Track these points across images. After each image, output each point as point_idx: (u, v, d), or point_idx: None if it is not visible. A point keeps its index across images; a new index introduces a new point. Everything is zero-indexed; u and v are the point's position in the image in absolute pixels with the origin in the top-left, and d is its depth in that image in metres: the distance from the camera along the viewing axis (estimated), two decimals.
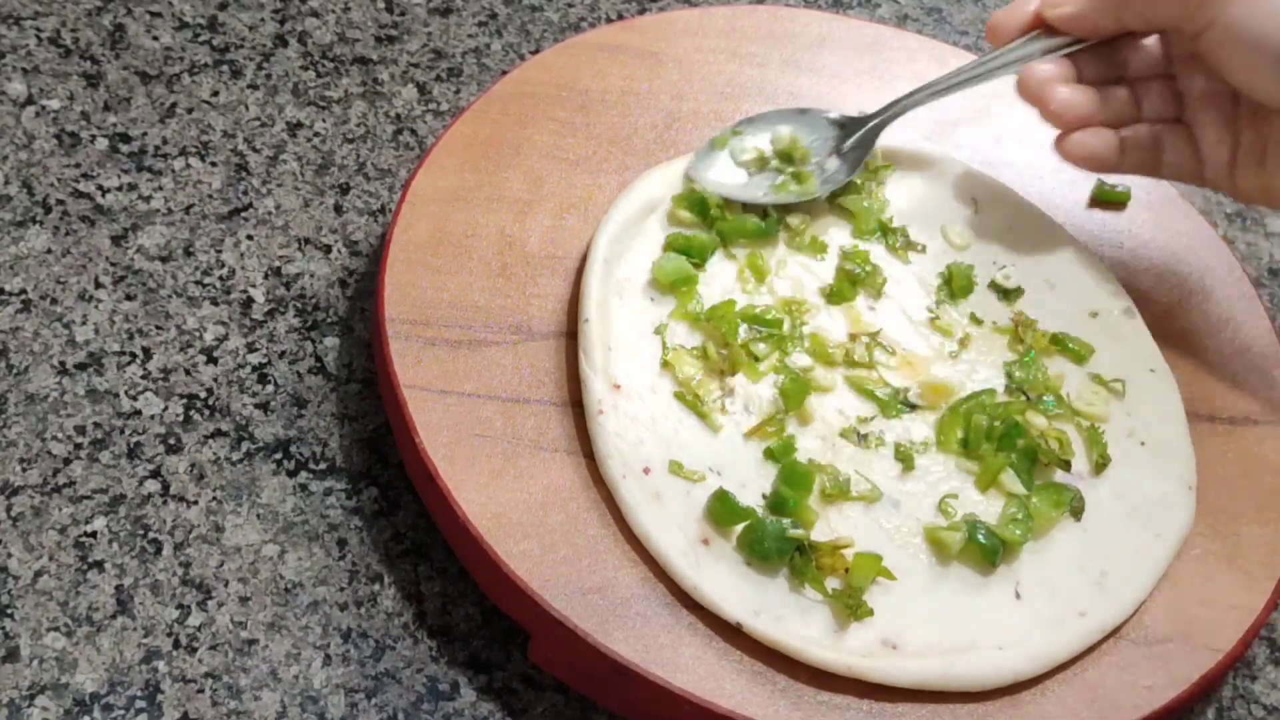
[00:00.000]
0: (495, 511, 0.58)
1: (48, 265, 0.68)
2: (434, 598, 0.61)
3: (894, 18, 0.89)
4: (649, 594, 0.58)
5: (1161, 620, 0.62)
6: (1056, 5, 0.66)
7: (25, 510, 0.60)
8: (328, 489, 0.63)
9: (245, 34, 0.79)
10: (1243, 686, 0.64)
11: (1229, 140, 0.65)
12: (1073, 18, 0.66)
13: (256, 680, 0.58)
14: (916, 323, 0.69)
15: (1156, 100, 0.67)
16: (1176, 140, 0.67)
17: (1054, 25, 0.66)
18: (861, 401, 0.66)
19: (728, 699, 0.56)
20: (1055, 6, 0.66)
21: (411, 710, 0.58)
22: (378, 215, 0.73)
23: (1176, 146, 0.66)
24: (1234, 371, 0.71)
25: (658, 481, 0.61)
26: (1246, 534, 0.65)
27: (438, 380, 0.62)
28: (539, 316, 0.66)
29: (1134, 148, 0.67)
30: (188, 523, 0.61)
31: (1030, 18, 0.67)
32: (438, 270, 0.65)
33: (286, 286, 0.69)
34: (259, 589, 0.60)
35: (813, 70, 0.78)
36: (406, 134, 0.76)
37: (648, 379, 0.64)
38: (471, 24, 0.82)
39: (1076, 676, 0.60)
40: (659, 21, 0.78)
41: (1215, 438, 0.68)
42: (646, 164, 0.72)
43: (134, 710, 0.56)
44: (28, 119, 0.73)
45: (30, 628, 0.57)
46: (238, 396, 0.65)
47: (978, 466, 0.65)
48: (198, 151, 0.73)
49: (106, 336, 0.66)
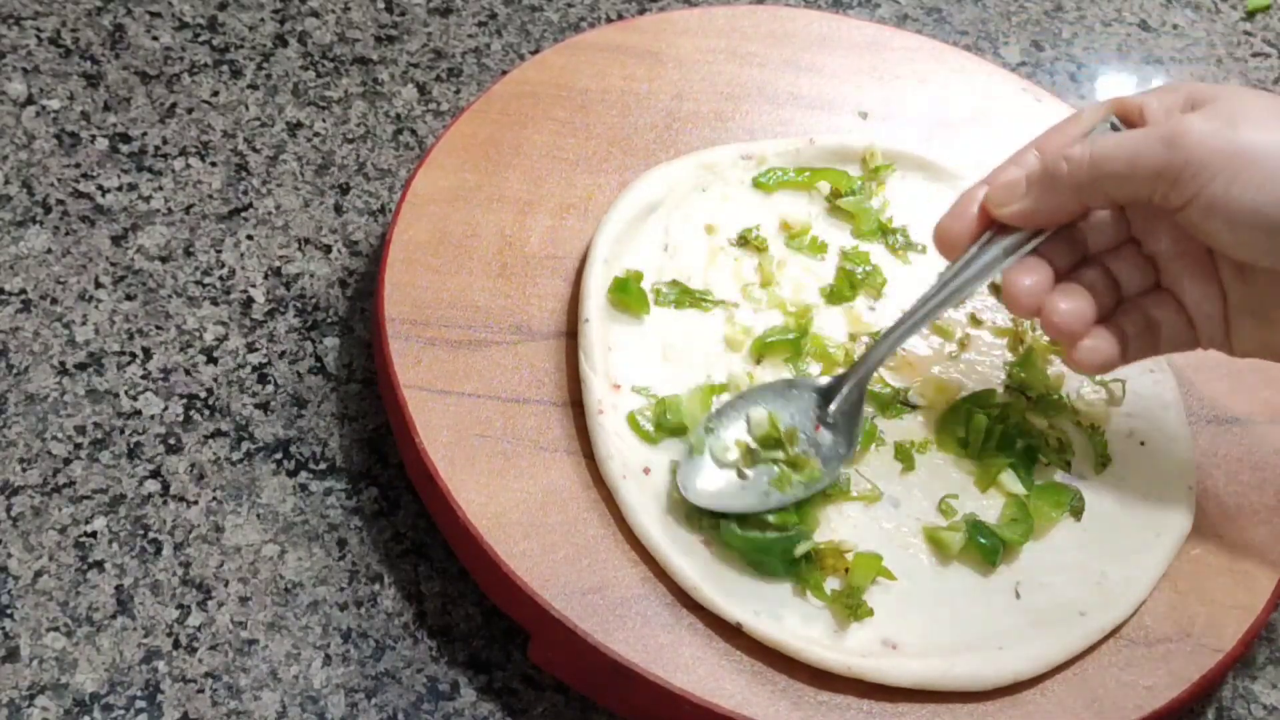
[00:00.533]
0: (495, 511, 0.58)
1: (48, 265, 0.68)
2: (434, 598, 0.61)
3: (894, 18, 0.89)
4: (649, 594, 0.58)
5: (1161, 620, 0.62)
6: (1004, 203, 0.59)
7: (25, 510, 0.60)
8: (328, 489, 0.63)
9: (245, 34, 0.79)
10: (1243, 686, 0.64)
11: (1216, 296, 0.59)
12: (1027, 214, 0.59)
13: (256, 680, 0.58)
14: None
15: (1131, 271, 0.61)
16: (1165, 311, 0.61)
17: (1006, 223, 0.60)
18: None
19: (728, 699, 0.56)
20: (1003, 205, 0.59)
21: (411, 710, 0.58)
22: (378, 215, 0.73)
23: (1168, 318, 0.61)
24: (1234, 371, 0.70)
25: (658, 481, 0.61)
26: (1246, 534, 0.65)
27: (438, 380, 0.62)
28: (539, 316, 0.66)
29: (1134, 337, 0.61)
30: (188, 523, 0.61)
31: (977, 220, 0.60)
32: (438, 270, 0.65)
33: (286, 286, 0.69)
34: (259, 589, 0.60)
35: (813, 70, 0.78)
36: (406, 134, 0.76)
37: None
38: (471, 24, 0.82)
39: (1076, 676, 0.60)
40: (659, 21, 0.78)
41: (1215, 438, 0.68)
42: (646, 164, 0.72)
43: (134, 710, 0.56)
44: (28, 119, 0.73)
45: (30, 628, 0.57)
46: (238, 396, 0.65)
47: (977, 466, 0.65)
48: (198, 151, 0.73)
49: (106, 336, 0.66)
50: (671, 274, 0.68)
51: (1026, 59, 0.89)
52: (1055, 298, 0.59)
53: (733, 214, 0.71)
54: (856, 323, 0.69)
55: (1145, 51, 0.91)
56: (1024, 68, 0.88)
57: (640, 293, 0.65)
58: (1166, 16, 0.94)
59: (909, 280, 0.71)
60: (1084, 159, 0.57)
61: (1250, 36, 0.94)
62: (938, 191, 0.74)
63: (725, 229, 0.70)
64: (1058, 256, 0.60)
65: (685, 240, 0.69)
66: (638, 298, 0.65)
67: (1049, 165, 0.58)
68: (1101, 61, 0.90)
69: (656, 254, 0.68)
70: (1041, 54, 0.89)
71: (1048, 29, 0.91)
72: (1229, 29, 0.94)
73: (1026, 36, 0.90)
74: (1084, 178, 0.57)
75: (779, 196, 0.72)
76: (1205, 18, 0.94)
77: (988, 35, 0.90)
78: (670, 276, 0.68)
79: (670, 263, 0.68)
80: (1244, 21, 0.95)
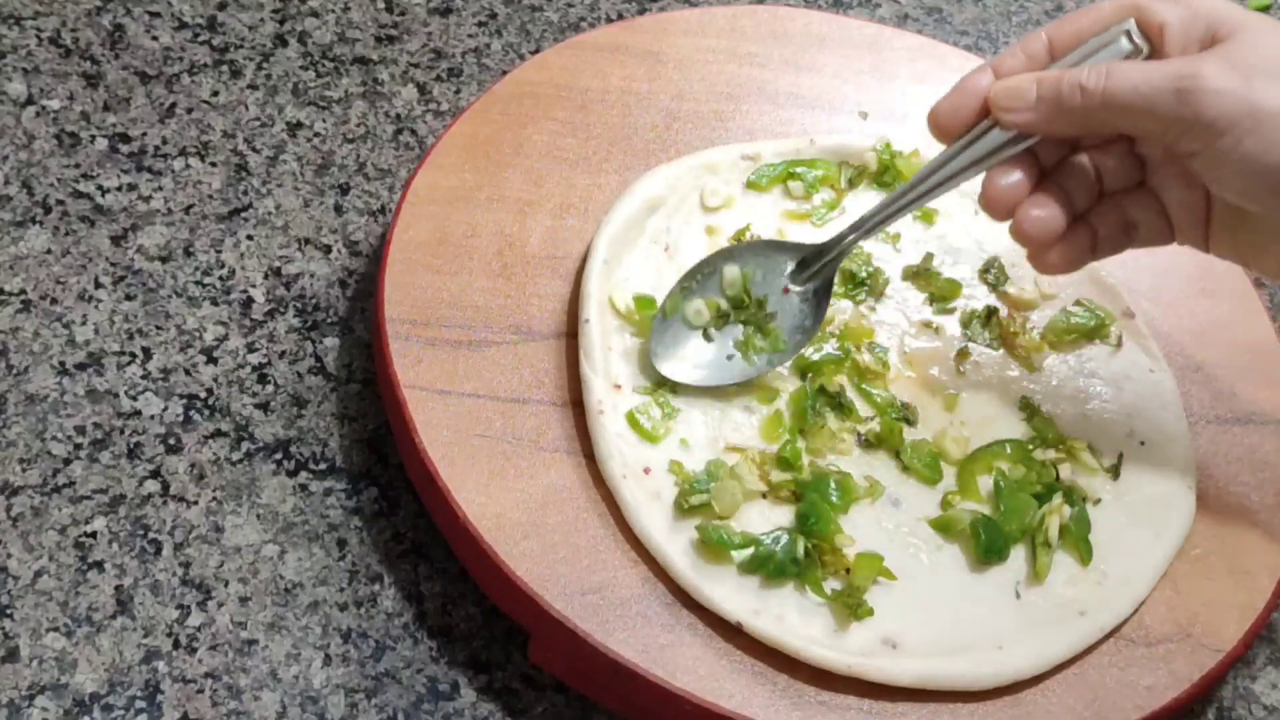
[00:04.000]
0: (495, 511, 0.58)
1: (48, 265, 0.68)
2: (434, 598, 0.61)
3: (894, 18, 0.89)
4: (649, 594, 0.58)
5: (1161, 620, 0.62)
6: (1009, 109, 0.58)
7: (25, 510, 0.60)
8: (328, 489, 0.63)
9: (245, 34, 0.79)
10: (1243, 686, 0.64)
11: (1201, 202, 0.60)
12: (1031, 125, 0.58)
13: (256, 680, 0.58)
14: (915, 322, 0.69)
15: (1117, 168, 0.61)
16: (1145, 211, 0.61)
17: (1008, 128, 0.59)
18: (862, 403, 0.66)
19: (728, 699, 0.56)
20: (1008, 110, 0.59)
21: (411, 710, 0.58)
22: (378, 215, 0.73)
23: (1146, 219, 0.61)
24: (1234, 371, 0.71)
25: (658, 481, 0.61)
26: (1246, 534, 0.65)
27: (438, 380, 0.62)
28: (539, 316, 0.66)
29: (1106, 238, 0.61)
30: (188, 523, 0.61)
31: (976, 110, 0.60)
32: (438, 270, 0.65)
33: (286, 286, 0.69)
34: (259, 589, 0.60)
35: (813, 70, 0.78)
36: (406, 134, 0.76)
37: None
38: (471, 24, 0.82)
39: (1076, 676, 0.60)
40: (659, 21, 0.78)
41: (1215, 438, 0.68)
42: (646, 164, 0.72)
43: (134, 710, 0.56)
44: (28, 119, 0.73)
45: (30, 628, 0.57)
46: (238, 396, 0.65)
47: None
48: (198, 151, 0.73)
49: (106, 336, 0.66)
50: (672, 274, 0.68)
51: None
52: (1028, 205, 0.59)
53: (733, 214, 0.71)
54: (857, 322, 0.68)
55: None
56: None
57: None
58: None
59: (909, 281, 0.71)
60: (1096, 91, 0.56)
61: None
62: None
63: (725, 229, 0.70)
64: (1046, 152, 0.60)
65: (685, 240, 0.69)
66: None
67: (1063, 88, 0.57)
68: None
69: (657, 254, 0.68)
70: None
71: None
72: None
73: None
74: (1095, 108, 0.57)
75: (779, 196, 0.72)
76: None
77: (988, 35, 0.90)
78: (671, 277, 0.68)
79: (670, 263, 0.68)
80: None
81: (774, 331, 0.64)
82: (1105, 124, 0.58)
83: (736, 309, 0.65)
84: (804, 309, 0.64)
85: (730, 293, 0.65)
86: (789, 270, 0.65)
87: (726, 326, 0.64)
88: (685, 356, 0.64)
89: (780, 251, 0.66)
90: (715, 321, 0.64)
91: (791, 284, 0.65)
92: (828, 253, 0.64)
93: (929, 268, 0.71)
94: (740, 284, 0.65)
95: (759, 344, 0.63)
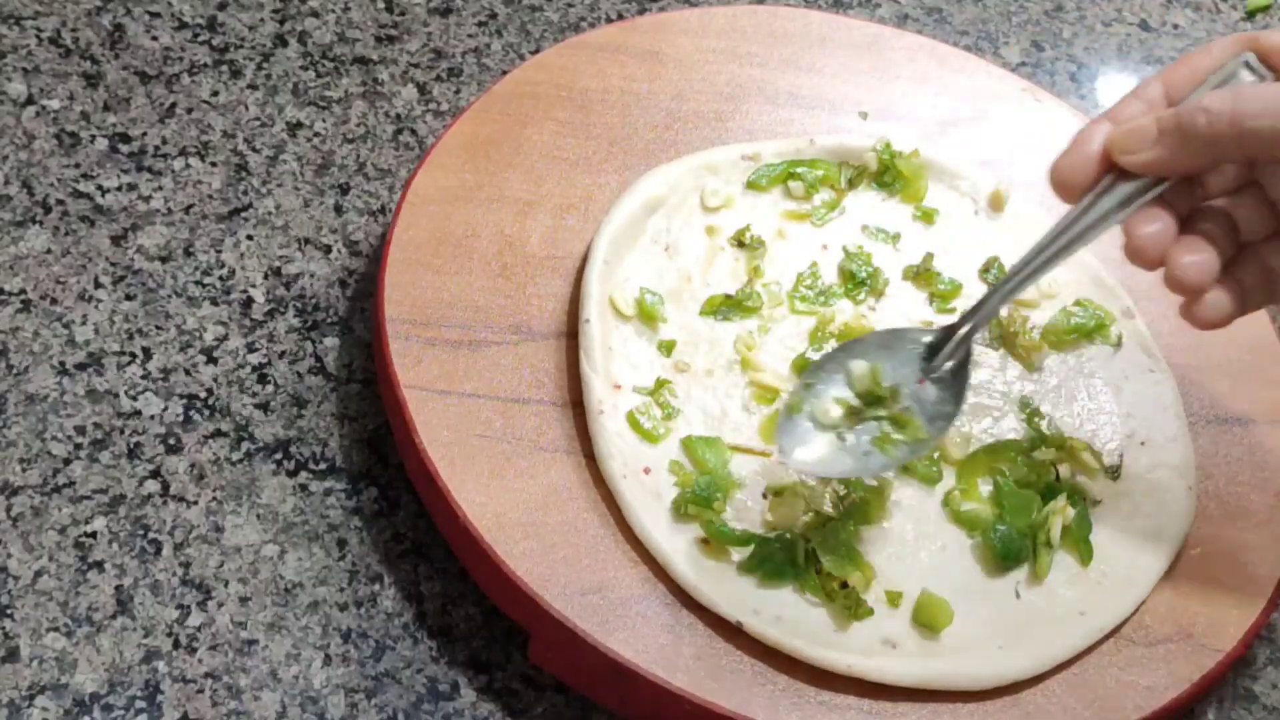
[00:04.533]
0: (495, 511, 0.58)
1: (48, 265, 0.68)
2: (434, 598, 0.61)
3: (894, 18, 0.89)
4: (649, 594, 0.58)
5: (1161, 620, 0.62)
6: (1131, 151, 0.56)
7: (25, 510, 0.60)
8: (328, 489, 0.63)
9: (245, 34, 0.79)
10: (1243, 686, 0.64)
11: None
12: (1156, 164, 0.55)
13: (256, 680, 0.58)
14: (915, 322, 0.69)
15: (1252, 216, 0.58)
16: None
17: (1130, 171, 0.56)
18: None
19: (728, 699, 0.56)
20: (1130, 152, 0.56)
21: (411, 710, 0.58)
22: (378, 215, 0.73)
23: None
24: (1235, 371, 0.70)
25: (658, 481, 0.61)
26: (1246, 534, 0.65)
27: (438, 380, 0.62)
28: (539, 316, 0.66)
29: (1252, 288, 0.58)
30: (188, 523, 0.61)
31: (1098, 162, 0.57)
32: (438, 270, 0.65)
33: (286, 286, 0.69)
34: (259, 589, 0.60)
35: (813, 70, 0.78)
36: (406, 134, 0.76)
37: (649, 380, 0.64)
38: (471, 24, 0.82)
39: (1076, 676, 0.60)
40: (659, 21, 0.78)
41: (1215, 438, 0.68)
42: (646, 164, 0.72)
43: (134, 710, 0.56)
44: (28, 119, 0.73)
45: (30, 628, 0.57)
46: (238, 396, 0.65)
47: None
48: (198, 151, 0.73)
49: (106, 336, 0.66)
50: (672, 274, 0.68)
51: (1026, 59, 0.89)
52: (1179, 251, 0.56)
53: (733, 214, 0.71)
54: (858, 322, 0.69)
55: (1145, 51, 0.91)
56: (1024, 68, 0.88)
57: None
58: (1166, 16, 0.93)
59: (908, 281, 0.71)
60: (1224, 113, 0.53)
61: None
62: (938, 192, 0.74)
63: (725, 230, 0.70)
64: (1177, 200, 0.57)
65: (685, 241, 0.69)
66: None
67: (1185, 117, 0.55)
68: (1102, 61, 0.90)
69: (657, 254, 0.68)
70: (1041, 54, 0.89)
71: (1048, 29, 0.91)
72: (1229, 29, 0.94)
73: (1026, 36, 0.90)
74: (1224, 133, 0.53)
75: (779, 197, 0.72)
76: (1205, 18, 0.94)
77: (988, 35, 0.90)
78: (671, 277, 0.68)
79: (670, 263, 0.68)
80: (1244, 21, 0.95)
81: (913, 423, 0.59)
82: (1235, 151, 0.55)
83: (869, 405, 0.60)
84: (943, 394, 0.60)
85: (860, 389, 0.60)
86: (919, 355, 0.61)
87: (862, 423, 0.60)
88: (818, 452, 0.59)
89: (905, 339, 0.62)
90: (848, 419, 0.60)
91: (925, 373, 0.60)
92: (956, 333, 0.60)
93: (929, 268, 0.71)
94: (870, 378, 0.60)
95: (897, 438, 0.59)
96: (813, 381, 0.61)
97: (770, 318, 0.68)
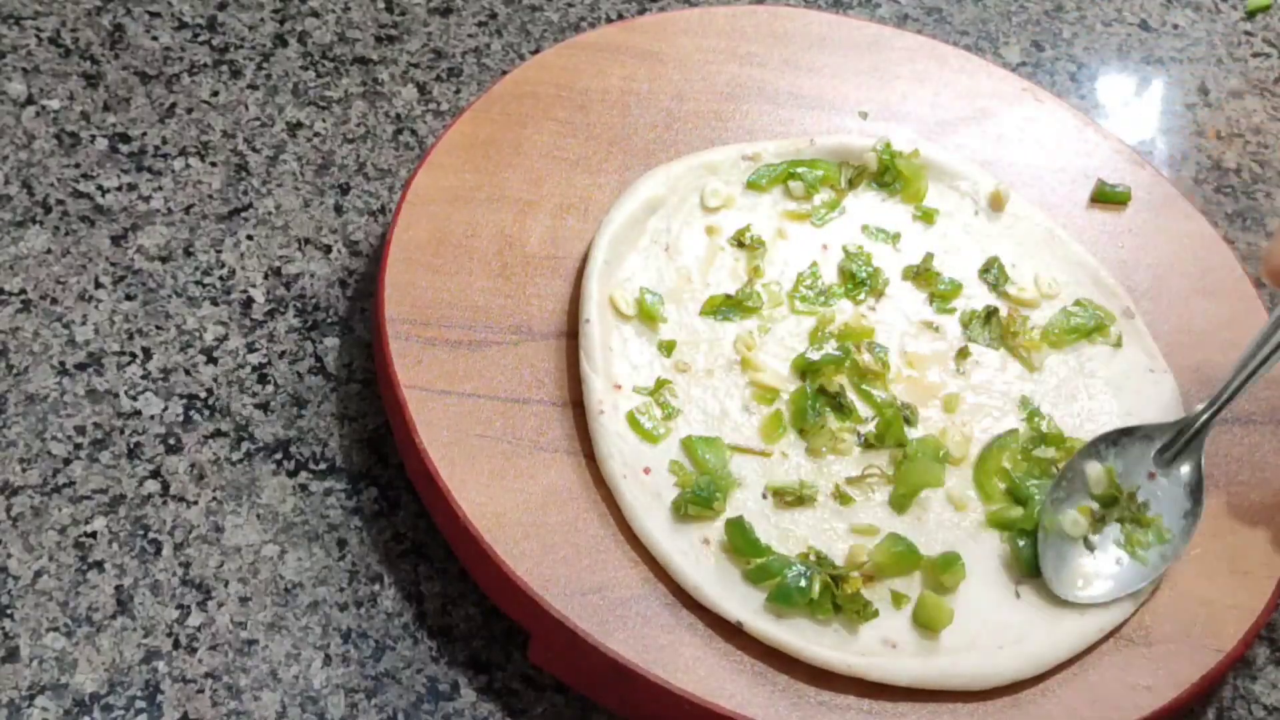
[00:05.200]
0: (495, 511, 0.58)
1: (48, 265, 0.68)
2: (434, 598, 0.61)
3: (894, 18, 0.89)
4: (649, 594, 0.58)
5: (1161, 620, 0.62)
6: None
7: (25, 510, 0.60)
8: (328, 489, 0.63)
9: (245, 34, 0.79)
10: (1243, 686, 0.64)
11: None
12: None
13: (256, 680, 0.58)
14: (915, 322, 0.69)
15: None
16: None
17: None
18: (862, 403, 0.66)
19: (728, 699, 0.56)
20: None
21: (411, 710, 0.58)
22: (378, 215, 0.73)
23: None
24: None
25: (658, 481, 0.61)
26: (1246, 534, 0.65)
27: (438, 380, 0.62)
28: (539, 316, 0.66)
29: None
30: (188, 523, 0.61)
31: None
32: (438, 270, 0.65)
33: (286, 286, 0.69)
34: (259, 589, 0.60)
35: (813, 70, 0.78)
36: (406, 134, 0.76)
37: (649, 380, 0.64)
38: (471, 24, 0.82)
39: (1076, 676, 0.60)
40: (659, 21, 0.78)
41: (1215, 438, 0.68)
42: (646, 164, 0.72)
43: (134, 710, 0.56)
44: (28, 119, 0.73)
45: (30, 628, 0.57)
46: (238, 396, 0.65)
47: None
48: (198, 151, 0.73)
49: (106, 336, 0.66)
50: (672, 274, 0.68)
51: (1026, 59, 0.89)
52: None
53: (733, 214, 0.71)
54: (857, 322, 0.68)
55: (1145, 51, 0.91)
56: (1024, 68, 0.88)
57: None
58: (1166, 16, 0.93)
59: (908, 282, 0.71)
60: None
61: (1250, 36, 0.94)
62: (938, 192, 0.74)
63: (725, 230, 0.70)
64: None
65: (685, 241, 0.69)
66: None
67: None
68: (1101, 61, 0.90)
69: (657, 254, 0.68)
70: (1041, 54, 0.89)
71: (1048, 29, 0.91)
72: (1229, 29, 0.94)
73: (1026, 36, 0.90)
74: None
75: (779, 197, 0.72)
76: (1205, 18, 0.94)
77: (988, 35, 0.90)
78: (671, 277, 0.68)
79: (670, 263, 0.68)
80: (1244, 21, 0.95)
81: (1154, 521, 0.62)
82: None
83: (1108, 507, 0.63)
84: (1178, 490, 0.63)
85: (1097, 492, 0.63)
86: (1152, 455, 0.64)
87: (1105, 528, 0.63)
88: (1075, 570, 0.61)
89: (1137, 438, 0.64)
90: (1093, 526, 0.62)
91: (1156, 468, 0.64)
92: (1188, 430, 0.64)
93: (929, 268, 0.71)
94: (1106, 480, 0.63)
95: (1143, 539, 0.62)
96: (1058, 497, 0.63)
97: (770, 318, 0.68)
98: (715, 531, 0.60)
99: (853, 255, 0.71)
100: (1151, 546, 0.62)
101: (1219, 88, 0.90)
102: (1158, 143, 0.86)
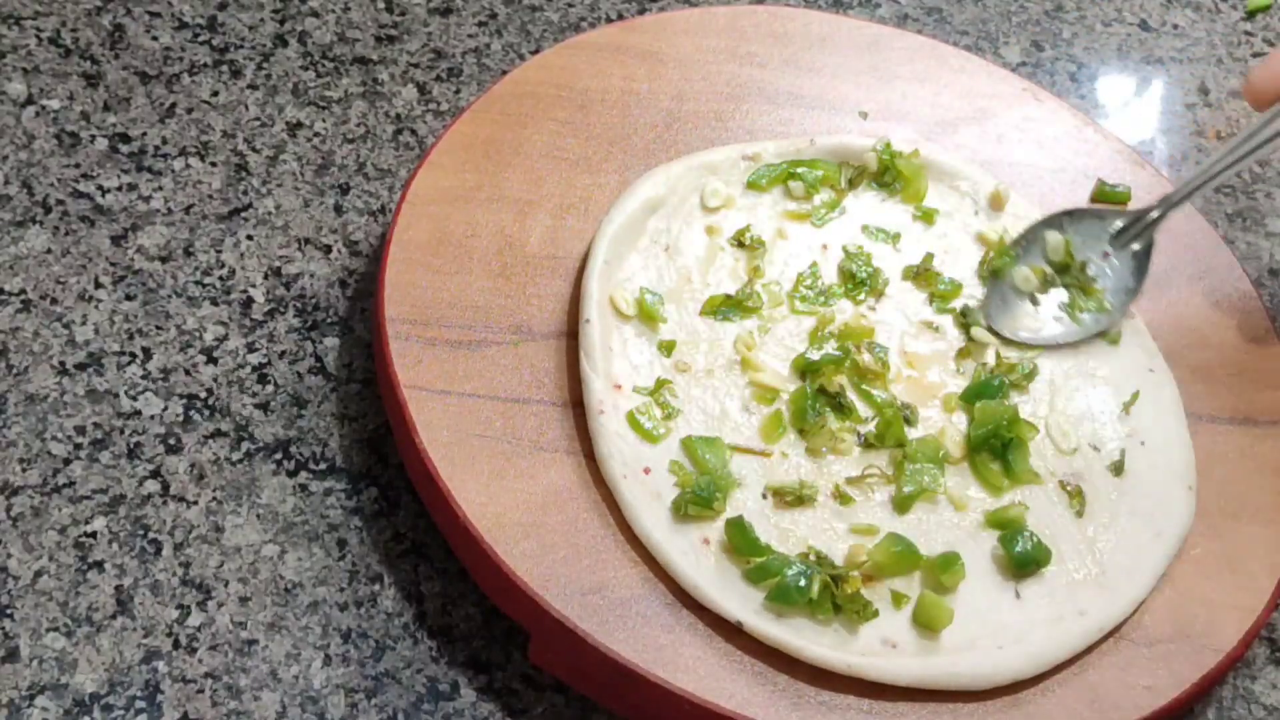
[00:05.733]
0: (495, 511, 0.58)
1: (48, 265, 0.68)
2: (434, 598, 0.61)
3: (894, 18, 0.89)
4: (649, 594, 0.58)
5: (1161, 620, 0.62)
6: None
7: (25, 510, 0.60)
8: (328, 489, 0.63)
9: (245, 34, 0.79)
10: (1243, 686, 0.64)
11: None
12: None
13: (256, 680, 0.58)
14: (915, 322, 0.69)
15: None
16: None
17: None
18: (863, 405, 0.66)
19: (728, 699, 0.56)
20: None
21: (411, 710, 0.58)
22: (378, 215, 0.73)
23: None
24: (1234, 372, 0.70)
25: (658, 481, 0.61)
26: (1246, 534, 0.65)
27: (438, 380, 0.62)
28: (539, 316, 0.66)
29: None
30: (188, 523, 0.61)
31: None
32: (438, 270, 0.65)
33: (286, 286, 0.69)
34: (259, 589, 0.60)
35: (813, 70, 0.78)
36: (406, 134, 0.76)
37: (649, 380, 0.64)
38: (471, 24, 0.82)
39: (1076, 676, 0.60)
40: (659, 21, 0.78)
41: (1215, 438, 0.68)
42: (646, 164, 0.72)
43: (134, 710, 0.56)
44: (28, 119, 0.73)
45: (30, 628, 0.57)
46: (238, 396, 0.65)
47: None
48: (198, 151, 0.73)
49: (106, 336, 0.66)
50: (672, 274, 0.68)
51: (1026, 59, 0.89)
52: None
53: (733, 214, 0.71)
54: (857, 323, 0.69)
55: (1145, 51, 0.91)
56: (1024, 68, 0.88)
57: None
58: (1166, 16, 0.93)
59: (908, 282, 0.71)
60: None
61: (1250, 36, 0.94)
62: (938, 193, 0.74)
63: (725, 230, 0.70)
64: None
65: (685, 241, 0.69)
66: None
67: None
68: (1101, 61, 0.90)
69: (657, 254, 0.68)
70: (1041, 54, 0.89)
71: (1048, 29, 0.91)
72: (1229, 29, 0.94)
73: (1026, 36, 0.90)
74: None
75: (779, 196, 0.72)
76: (1205, 18, 0.94)
77: (988, 35, 0.90)
78: (671, 277, 0.68)
79: (670, 263, 0.68)
80: (1244, 21, 0.95)
81: (1098, 293, 0.68)
82: None
83: (1060, 273, 0.69)
84: (1125, 271, 0.69)
85: (1054, 258, 0.69)
86: (1109, 235, 0.69)
87: (1052, 290, 0.69)
88: (1016, 318, 0.68)
89: (1099, 218, 0.70)
90: (1041, 286, 0.68)
91: (1111, 248, 0.69)
92: (1143, 219, 0.69)
93: (929, 268, 0.71)
94: (1063, 249, 0.69)
95: (1083, 304, 0.67)
96: (1015, 252, 0.69)
97: (770, 318, 0.68)
98: (715, 531, 0.60)
99: (853, 255, 0.71)
100: (1089, 313, 0.68)
101: (1219, 88, 0.89)
102: (1158, 143, 0.86)
